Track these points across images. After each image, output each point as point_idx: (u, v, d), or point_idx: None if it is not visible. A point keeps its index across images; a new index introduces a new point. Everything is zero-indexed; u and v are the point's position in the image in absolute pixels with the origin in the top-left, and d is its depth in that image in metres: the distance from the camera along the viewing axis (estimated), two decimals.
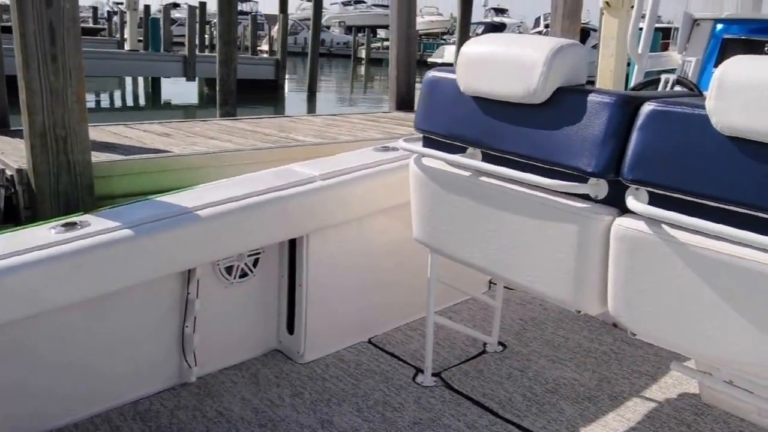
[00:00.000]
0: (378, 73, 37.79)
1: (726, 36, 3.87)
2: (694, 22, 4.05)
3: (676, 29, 4.32)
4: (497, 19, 49.40)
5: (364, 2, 62.65)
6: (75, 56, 5.82)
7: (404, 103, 11.00)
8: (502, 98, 2.02)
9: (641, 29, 3.87)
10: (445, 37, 52.03)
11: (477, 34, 36.81)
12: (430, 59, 42.10)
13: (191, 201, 2.38)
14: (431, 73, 2.34)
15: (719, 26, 3.94)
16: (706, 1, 4.49)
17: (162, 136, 7.87)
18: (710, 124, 1.61)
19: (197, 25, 28.52)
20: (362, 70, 41.53)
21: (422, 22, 56.85)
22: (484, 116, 2.09)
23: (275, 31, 31.94)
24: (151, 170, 6.68)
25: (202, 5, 32.32)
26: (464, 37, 18.96)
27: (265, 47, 43.31)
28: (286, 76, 24.18)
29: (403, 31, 10.62)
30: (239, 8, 52.05)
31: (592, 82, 4.07)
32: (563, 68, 1.94)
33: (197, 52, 23.67)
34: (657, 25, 4.57)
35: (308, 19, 26.31)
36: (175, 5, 60.67)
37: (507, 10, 59.79)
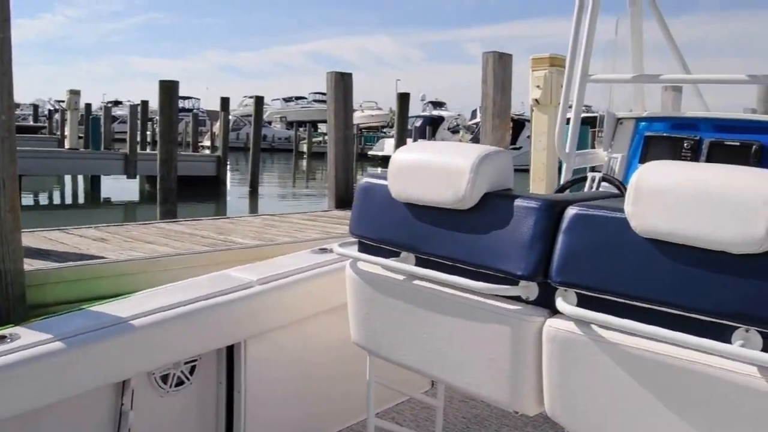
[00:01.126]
0: (319, 167, 38.25)
1: (648, 133, 4.01)
2: (617, 121, 4.20)
3: (603, 116, 4.50)
4: (435, 112, 50.75)
5: (305, 98, 63.97)
6: (9, 167, 5.81)
7: (343, 201, 11.16)
8: (433, 204, 2.08)
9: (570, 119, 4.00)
10: (385, 130, 53.25)
11: (416, 127, 37.62)
12: (370, 152, 42.91)
13: (126, 310, 2.35)
14: (365, 179, 2.39)
15: (641, 124, 4.09)
16: (628, 98, 4.69)
17: (98, 241, 7.80)
18: (629, 227, 1.67)
19: (139, 123, 28.65)
20: (304, 164, 42.01)
21: (362, 116, 58.11)
22: (415, 221, 2.15)
23: (217, 127, 32.26)
24: (85, 277, 6.58)
25: (144, 103, 32.59)
26: (402, 131, 19.45)
27: (207, 143, 43.55)
28: (228, 172, 24.28)
29: (340, 131, 10.90)
30: (181, 105, 52.55)
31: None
32: (490, 174, 2.01)
33: (138, 150, 23.70)
34: (585, 115, 4.74)
35: (250, 115, 26.66)
36: (117, 102, 60.84)
37: (445, 103, 61.58)
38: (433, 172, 2.07)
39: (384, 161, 33.51)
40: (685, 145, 3.82)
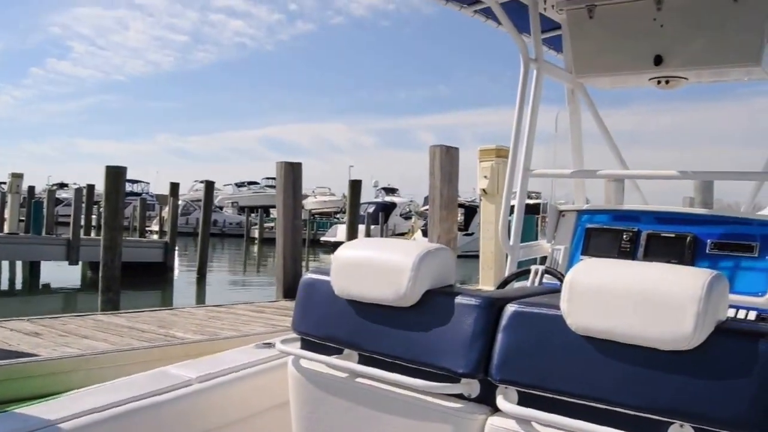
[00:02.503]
0: (271, 253, 37.88)
1: (589, 225, 4.10)
2: (560, 213, 4.29)
3: (546, 204, 4.58)
4: (388, 198, 51.24)
5: (258, 183, 64.01)
6: None
7: (291, 291, 10.94)
8: (375, 301, 2.08)
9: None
10: (337, 215, 53.35)
11: (368, 213, 37.64)
12: (323, 238, 42.81)
13: (55, 411, 2.18)
14: (307, 275, 2.38)
15: (583, 216, 4.19)
16: (569, 191, 4.77)
17: (31, 336, 7.39)
18: (566, 325, 1.71)
19: (84, 206, 28.13)
20: (255, 250, 41.61)
21: (315, 202, 58.32)
22: (358, 319, 2.14)
23: (166, 211, 31.87)
24: (14, 377, 6.17)
25: (90, 187, 32.08)
26: (354, 218, 19.45)
27: (155, 227, 42.94)
28: (177, 258, 23.82)
29: (289, 220, 10.81)
30: (129, 189, 52.03)
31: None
32: (431, 272, 2.03)
33: (83, 235, 23.15)
34: (530, 202, 4.81)
35: (201, 200, 26.47)
36: (63, 185, 59.97)
37: (397, 189, 62.23)
38: (374, 269, 2.08)
39: (336, 247, 33.36)
40: (624, 236, 3.92)
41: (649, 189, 4.67)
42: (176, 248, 23.28)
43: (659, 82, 3.83)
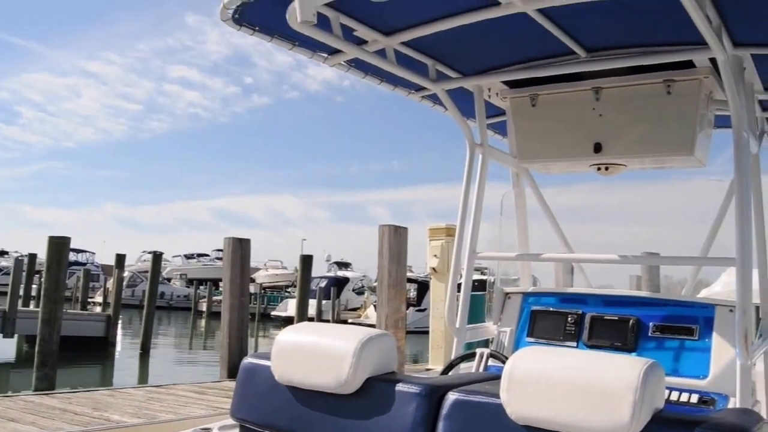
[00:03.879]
0: (219, 327, 37.15)
1: (535, 308, 4.11)
2: (506, 295, 4.28)
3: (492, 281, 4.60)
4: (340, 273, 50.97)
5: (207, 255, 63.18)
6: None
7: (235, 371, 10.56)
8: (315, 388, 2.05)
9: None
10: (289, 289, 52.77)
11: (320, 288, 37.21)
12: (273, 313, 42.15)
13: None
14: (247, 359, 2.33)
15: (529, 298, 4.20)
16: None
17: None
18: (506, 414, 1.72)
19: (24, 276, 27.26)
20: (203, 324, 40.68)
21: (266, 275, 57.70)
22: (298, 406, 2.11)
23: (111, 283, 31.08)
24: None
25: (32, 256, 31.14)
26: (304, 293, 19.20)
27: (99, 299, 41.78)
28: (120, 332, 23.10)
29: (236, 297, 10.60)
30: (74, 258, 50.81)
31: None
32: (372, 359, 2.02)
33: (21, 306, 22.34)
34: (476, 277, 4.82)
35: (148, 271, 25.90)
36: (3, 253, 58.30)
37: (350, 264, 62.04)
38: (316, 355, 2.06)
39: (287, 322, 32.87)
40: (569, 319, 3.94)
41: (599, 266, 4.70)
42: (120, 322, 22.62)
43: (599, 169, 3.91)
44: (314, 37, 3.20)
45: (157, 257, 23.26)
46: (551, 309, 4.08)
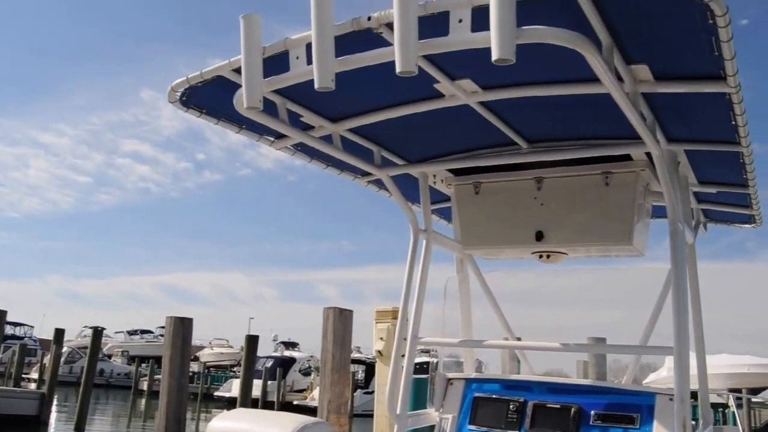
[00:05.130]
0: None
1: (477, 395, 4.09)
2: (448, 381, 4.22)
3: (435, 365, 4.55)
4: (287, 353, 49.85)
5: (151, 332, 61.37)
6: None
7: None
8: None
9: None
10: (235, 369, 51.35)
11: (266, 368, 36.33)
12: (216, 393, 40.78)
13: None
14: None
15: (471, 385, 4.18)
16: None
17: None
18: None
19: None
20: (143, 403, 39.14)
21: (211, 354, 56.19)
22: None
23: (48, 358, 29.88)
24: None
25: None
26: (248, 375, 18.70)
27: (35, 375, 40.00)
28: (54, 411, 22.09)
29: (175, 379, 10.25)
30: (11, 332, 48.90)
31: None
32: None
33: None
34: (419, 360, 4.79)
35: (88, 347, 25.00)
36: None
37: (298, 344, 60.89)
38: None
39: (230, 403, 31.85)
40: (511, 407, 3.92)
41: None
42: (55, 400, 21.65)
43: (541, 257, 3.97)
44: (261, 122, 3.22)
45: (97, 333, 22.48)
46: (494, 396, 4.06)
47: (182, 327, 10.55)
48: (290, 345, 58.75)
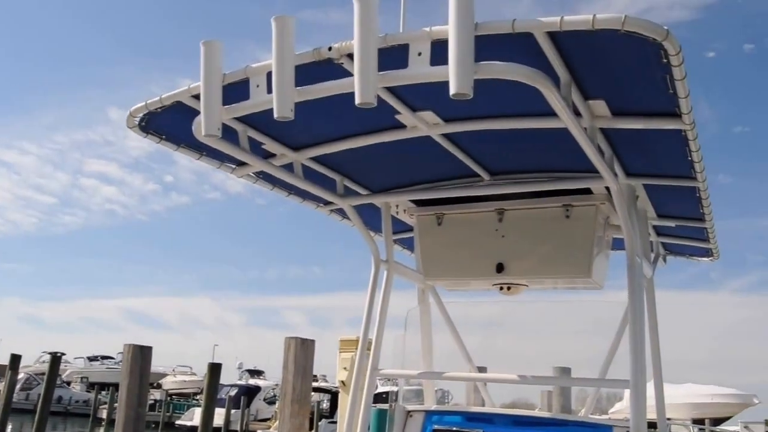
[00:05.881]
0: None
1: (437, 427, 4.04)
2: (407, 414, 4.17)
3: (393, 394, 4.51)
4: (252, 381, 49.17)
5: (112, 358, 60.09)
6: None
7: None
8: None
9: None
10: (198, 397, 50.45)
11: (230, 397, 35.82)
12: (178, 422, 40.01)
13: None
14: None
15: (431, 417, 4.13)
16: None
17: None
18: None
19: None
20: None
21: (174, 382, 55.18)
22: None
23: (3, 385, 29.05)
24: None
25: None
26: (210, 403, 18.35)
27: None
28: None
29: (132, 409, 10.02)
30: None
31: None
32: None
33: None
34: (383, 389, 4.74)
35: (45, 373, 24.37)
36: None
37: (263, 372, 60.08)
38: None
39: None
40: None
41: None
42: (9, 428, 21.00)
43: (501, 288, 3.98)
44: (221, 149, 3.19)
45: (55, 359, 21.97)
46: (453, 429, 4.03)
47: (141, 355, 10.34)
48: (255, 373, 57.92)
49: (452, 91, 2.14)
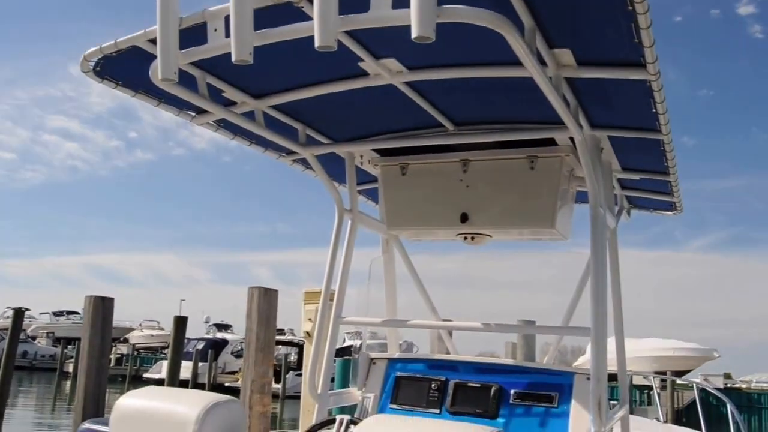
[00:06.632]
0: None
1: (399, 374, 4.10)
2: (371, 361, 4.23)
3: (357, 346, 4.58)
4: (219, 335, 49.30)
5: (78, 313, 59.70)
6: None
7: None
8: None
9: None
10: (165, 351, 50.52)
11: (197, 350, 35.95)
12: (146, 375, 40.14)
13: None
14: (84, 426, 2.30)
15: (394, 365, 4.19)
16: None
17: None
18: None
19: None
20: (68, 386, 38.21)
21: (141, 336, 55.12)
22: None
23: None
24: None
25: None
26: (176, 356, 18.36)
27: None
28: None
29: (94, 359, 9.97)
30: None
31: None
32: (217, 426, 1.98)
33: None
34: (350, 343, 4.83)
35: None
36: None
37: (231, 326, 60.10)
38: (156, 422, 2.00)
39: (160, 385, 31.20)
40: (433, 386, 3.95)
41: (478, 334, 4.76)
42: None
43: (465, 238, 3.98)
44: (180, 96, 3.12)
45: (18, 313, 21.67)
46: (416, 375, 4.07)
47: (102, 306, 10.26)
48: (223, 327, 57.99)
49: (414, 34, 2.10)
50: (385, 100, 3.54)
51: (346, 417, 3.49)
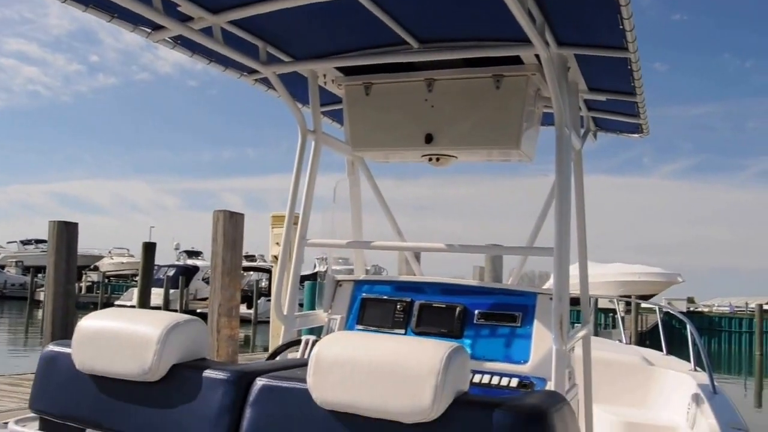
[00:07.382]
0: None
1: (365, 296, 4.11)
2: (337, 283, 4.25)
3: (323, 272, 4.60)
4: (190, 261, 49.34)
5: (46, 241, 59.29)
6: None
7: None
8: (119, 377, 2.00)
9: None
10: (136, 278, 50.49)
11: (168, 277, 35.96)
12: (117, 302, 40.21)
13: None
14: (48, 348, 2.25)
15: (360, 286, 4.20)
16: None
17: None
18: (312, 399, 1.73)
19: None
20: (40, 314, 38.20)
21: (111, 264, 55.02)
22: (101, 395, 2.04)
23: None
24: None
25: None
26: (146, 282, 18.35)
27: None
28: None
29: (60, 285, 9.87)
30: None
31: None
32: (179, 345, 1.99)
33: None
34: (318, 269, 4.83)
35: None
36: None
37: (201, 252, 60.16)
38: (118, 341, 2.00)
39: None
40: (398, 307, 3.97)
41: (444, 257, 4.78)
42: None
43: (431, 159, 3.94)
44: (133, 10, 2.98)
45: None
46: (382, 297, 4.09)
47: (66, 231, 10.14)
48: (193, 254, 58.05)
49: None
50: (348, 16, 3.43)
51: (312, 337, 3.53)
